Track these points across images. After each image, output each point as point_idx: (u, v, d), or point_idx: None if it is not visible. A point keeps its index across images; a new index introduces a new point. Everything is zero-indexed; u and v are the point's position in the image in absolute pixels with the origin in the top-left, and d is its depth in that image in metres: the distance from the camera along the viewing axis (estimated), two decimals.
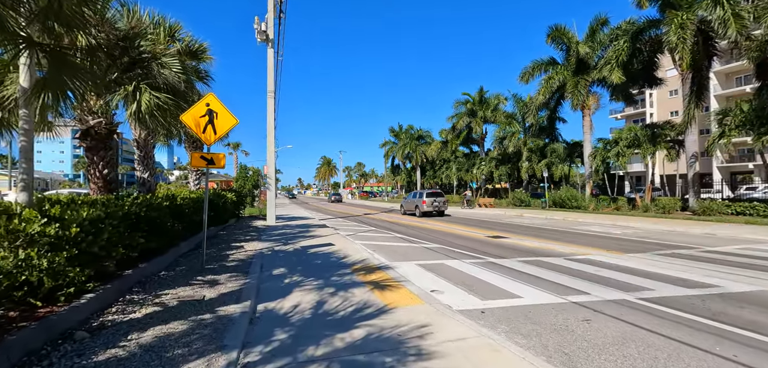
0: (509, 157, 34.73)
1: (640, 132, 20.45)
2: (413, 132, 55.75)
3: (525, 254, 10.15)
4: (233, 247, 10.53)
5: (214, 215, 13.43)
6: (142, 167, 10.08)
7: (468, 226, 18.51)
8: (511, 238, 13.87)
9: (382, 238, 14.15)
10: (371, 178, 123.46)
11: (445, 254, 10.39)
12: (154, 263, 6.95)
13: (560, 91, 25.27)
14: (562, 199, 25.66)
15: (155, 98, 7.24)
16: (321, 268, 8.08)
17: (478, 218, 22.97)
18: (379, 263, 8.63)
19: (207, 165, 7.28)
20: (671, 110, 57.15)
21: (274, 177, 19.81)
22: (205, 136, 7.29)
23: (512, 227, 17.57)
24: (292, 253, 9.94)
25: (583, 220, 19.48)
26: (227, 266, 7.82)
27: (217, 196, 13.94)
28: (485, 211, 29.04)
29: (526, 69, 26.07)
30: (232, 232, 14.25)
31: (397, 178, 65.76)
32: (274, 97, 19.73)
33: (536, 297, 6.00)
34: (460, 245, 12.00)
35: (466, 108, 39.92)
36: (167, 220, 7.90)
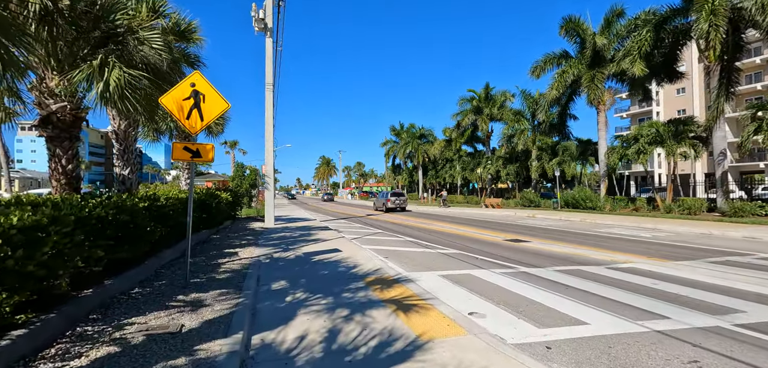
0: (517, 156, 33.47)
1: (663, 128, 19.30)
2: (415, 131, 54.43)
3: (558, 262, 8.91)
4: (226, 254, 9.24)
5: (207, 218, 12.15)
6: (121, 162, 8.79)
7: (480, 228, 17.27)
8: (533, 242, 12.65)
9: (391, 242, 12.89)
10: (371, 178, 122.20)
11: (467, 261, 9.13)
12: (126, 278, 5.67)
13: (573, 86, 24.06)
14: (575, 199, 24.43)
15: (127, 74, 5.96)
16: (329, 281, 6.81)
17: (489, 220, 21.73)
18: (396, 274, 7.37)
19: (192, 158, 6.01)
20: (678, 109, 56.07)
21: (273, 176, 18.53)
22: (189, 123, 6.01)
23: (529, 230, 16.34)
24: (294, 261, 8.66)
25: (603, 222, 18.25)
26: (217, 280, 6.54)
27: (210, 196, 12.67)
28: (493, 212, 27.82)
29: (537, 63, 24.86)
30: (226, 236, 12.95)
31: (398, 178, 64.42)
32: (273, 90, 18.45)
33: (606, 323, 4.74)
34: (480, 251, 10.76)
35: (471, 105, 38.60)
36: (146, 224, 6.62)
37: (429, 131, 53.57)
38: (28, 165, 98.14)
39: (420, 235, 14.91)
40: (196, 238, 10.80)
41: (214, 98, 6.12)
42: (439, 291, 6.33)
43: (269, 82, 18.20)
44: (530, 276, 7.56)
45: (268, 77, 18.20)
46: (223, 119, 15.98)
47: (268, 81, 18.20)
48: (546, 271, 7.94)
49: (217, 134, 15.83)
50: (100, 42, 6.57)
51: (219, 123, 15.49)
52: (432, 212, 29.75)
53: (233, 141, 51.38)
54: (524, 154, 32.55)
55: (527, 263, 8.79)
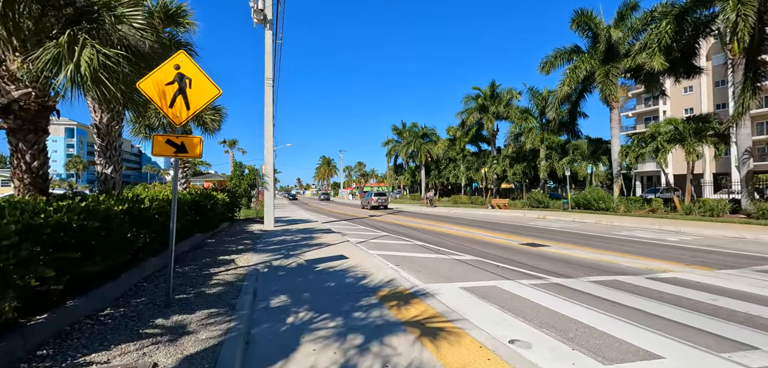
0: (525, 155, 32.50)
1: (682, 125, 18.38)
2: (417, 130, 53.44)
3: (589, 271, 8.00)
4: (221, 262, 8.32)
5: (201, 220, 11.24)
6: (103, 159, 7.88)
7: (491, 230, 16.35)
8: (552, 246, 11.74)
9: (400, 247, 11.97)
10: (371, 178, 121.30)
11: (488, 270, 8.21)
12: (96, 297, 4.75)
13: (585, 82, 23.12)
14: (587, 200, 23.49)
15: (102, 55, 5.04)
16: (336, 296, 5.90)
17: (498, 221, 20.80)
18: (413, 287, 6.46)
19: (175, 153, 5.09)
20: (685, 108, 55.11)
21: (273, 176, 17.61)
22: (173, 112, 5.10)
23: (542, 233, 15.42)
24: (296, 270, 7.74)
25: (620, 224, 17.33)
26: (207, 296, 5.62)
27: (205, 197, 11.76)
28: (501, 213, 26.90)
29: (547, 58, 23.93)
30: (222, 240, 12.03)
31: (400, 178, 63.46)
32: (273, 85, 17.53)
33: (685, 357, 3.83)
34: (497, 257, 9.85)
35: (476, 103, 37.58)
36: (125, 230, 5.71)
37: (432, 130, 52.63)
38: None
39: (429, 239, 13.99)
40: (189, 243, 9.89)
41: (202, 83, 5.20)
42: (466, 309, 5.41)
43: (269, 77, 17.29)
44: (564, 288, 6.64)
45: (267, 72, 17.28)
46: (220, 115, 15.11)
47: (267, 76, 17.28)
48: (580, 282, 7.03)
49: (213, 130, 14.94)
50: (72, 20, 5.65)
51: (214, 118, 14.59)
52: (437, 214, 28.83)
53: (232, 140, 50.39)
54: (532, 153, 31.56)
55: (555, 273, 7.88)
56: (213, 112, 14.58)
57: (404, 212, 31.16)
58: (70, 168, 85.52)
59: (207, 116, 14.36)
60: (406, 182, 61.25)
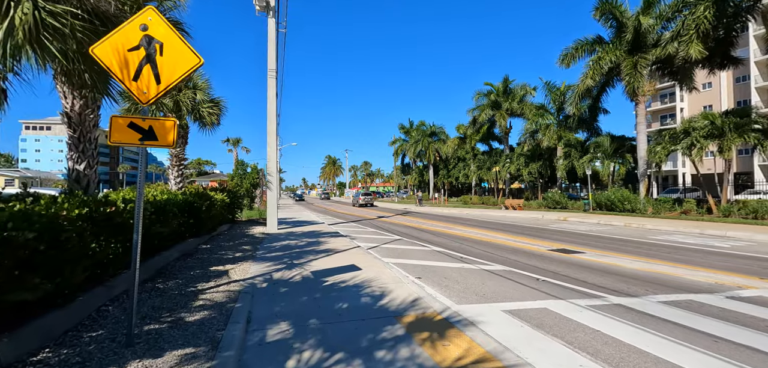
0: (540, 153, 30.98)
1: (721, 120, 16.88)
2: (425, 128, 52.03)
3: (649, 287, 6.67)
4: (212, 274, 7.10)
5: (194, 223, 10.05)
6: (75, 153, 6.69)
7: (511, 233, 15.01)
8: (587, 253, 10.42)
9: (418, 254, 10.69)
10: (377, 177, 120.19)
11: (528, 284, 6.91)
12: (27, 334, 3.53)
13: (609, 75, 21.64)
14: (610, 201, 22.00)
15: (45, 11, 3.82)
16: (351, 323, 4.65)
17: (516, 223, 19.44)
18: (444, 309, 5.19)
19: (141, 141, 3.85)
20: (704, 105, 53.15)
21: (277, 174, 16.40)
22: (138, 86, 3.87)
23: (570, 236, 14.06)
24: (301, 286, 6.49)
25: (653, 227, 15.90)
26: (186, 325, 4.39)
27: (199, 197, 10.56)
28: (516, 214, 25.51)
29: (567, 50, 22.48)
30: (218, 245, 10.83)
31: (407, 177, 62.04)
32: (276, 77, 16.33)
33: None
34: (530, 266, 8.56)
35: (488, 100, 36.01)
36: (86, 240, 4.51)
37: (440, 128, 51.20)
38: (32, 164, 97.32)
39: (448, 243, 12.70)
40: (179, 250, 8.70)
41: (177, 50, 3.97)
42: (522, 346, 4.12)
43: (272, 68, 16.09)
44: (632, 312, 5.33)
45: (270, 63, 16.08)
46: (219, 108, 13.95)
47: (270, 67, 16.09)
48: (648, 303, 5.71)
49: (211, 124, 13.75)
50: None
51: (213, 112, 13.41)
52: (449, 215, 27.51)
53: (236, 138, 49.28)
54: (548, 151, 30.04)
55: (610, 289, 6.57)
56: (211, 104, 13.41)
57: (412, 213, 29.87)
58: None
59: (204, 109, 13.19)
60: (413, 182, 59.79)
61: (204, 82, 13.26)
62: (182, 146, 13.39)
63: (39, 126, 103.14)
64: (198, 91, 13.03)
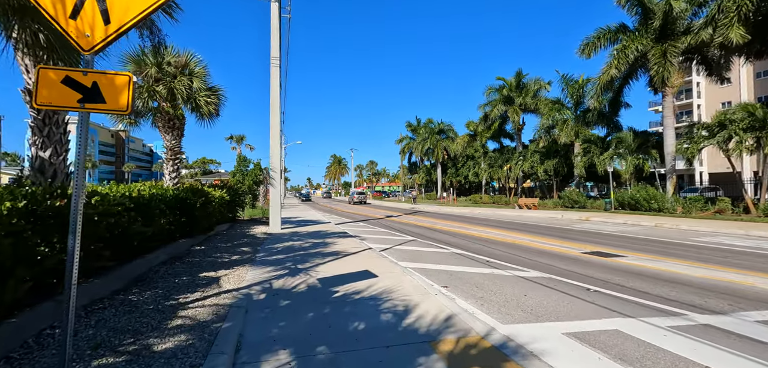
0: (556, 150, 29.57)
1: (762, 110, 15.46)
2: (433, 126, 50.74)
3: (728, 299, 5.46)
4: (201, 283, 5.98)
5: (187, 222, 8.97)
6: (40, 138, 5.63)
7: (534, 234, 13.78)
8: (628, 257, 9.21)
9: (437, 257, 9.53)
10: (383, 177, 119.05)
11: (577, 297, 5.73)
12: None
13: (633, 65, 20.29)
14: (635, 199, 20.63)
15: None
16: (374, 353, 3.51)
17: (535, 223, 18.19)
18: (490, 332, 4.02)
19: (81, 103, 2.73)
20: (722, 101, 51.33)
21: (280, 171, 15.30)
22: (77, 26, 2.74)
23: (601, 238, 12.81)
24: (306, 298, 5.35)
25: (689, 227, 14.59)
26: (150, 357, 3.27)
27: (193, 193, 9.47)
28: (531, 213, 24.22)
29: (588, 39, 21.14)
30: (214, 247, 9.74)
31: (414, 176, 60.74)
32: (280, 66, 15.24)
33: None
34: (571, 273, 7.37)
35: (500, 95, 34.62)
36: (26, 245, 3.42)
37: (448, 126, 49.86)
38: None
39: (467, 245, 11.51)
40: (166, 252, 7.61)
41: None
42: None
43: (275, 56, 15.01)
44: (735, 338, 4.13)
45: (273, 50, 15.01)
46: (217, 97, 12.83)
47: (273, 55, 15.01)
48: (746, 323, 4.52)
49: (208, 115, 12.57)
50: None
51: (210, 100, 12.26)
52: (458, 214, 26.29)
53: (240, 135, 48.26)
54: (564, 148, 28.63)
55: (686, 304, 5.35)
56: (209, 93, 12.31)
57: (422, 212, 28.68)
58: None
59: (201, 98, 12.09)
60: (420, 181, 58.47)
61: (201, 69, 12.19)
62: (178, 138, 12.35)
63: None
64: (195, 78, 11.96)
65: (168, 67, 11.85)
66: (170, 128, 12.19)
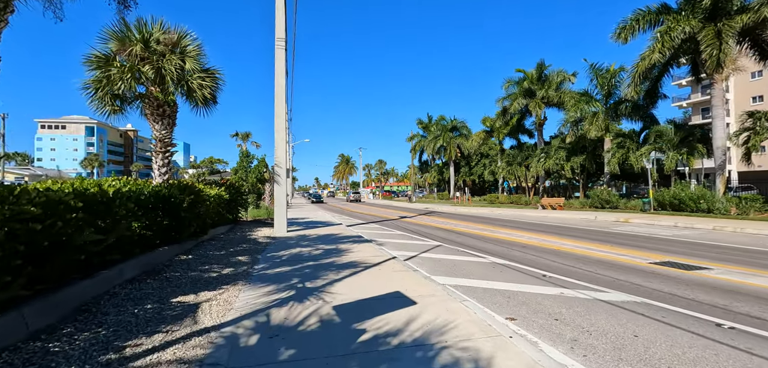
0: (583, 146, 27.35)
1: None
2: (446, 123, 48.69)
3: None
4: (170, 312, 4.28)
5: (171, 226, 7.31)
6: None
7: (575, 239, 11.91)
8: (714, 269, 7.40)
9: (477, 269, 7.74)
10: (391, 176, 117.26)
11: (715, 339, 3.92)
12: None
13: (678, 50, 18.18)
14: (679, 199, 18.55)
15: None
16: None
17: (569, 226, 16.27)
18: None
19: None
20: (753, 95, 48.58)
21: (286, 167, 13.60)
22: None
23: (656, 243, 10.92)
24: (320, 343, 3.59)
25: (757, 231, 12.59)
26: None
27: (180, 190, 7.79)
28: (559, 215, 22.25)
29: (625, 22, 19.08)
30: (204, 255, 8.05)
31: (426, 175, 58.73)
32: (286, 48, 13.57)
33: None
34: (667, 296, 5.57)
35: (519, 88, 32.35)
36: None
37: (462, 123, 47.74)
38: (48, 163, 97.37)
39: (505, 252, 9.69)
40: (140, 264, 5.95)
41: None
42: None
43: (280, 36, 13.34)
44: None
45: (278, 30, 13.35)
46: (213, 80, 10.96)
47: (278, 35, 13.35)
48: None
49: (203, 100, 10.81)
50: None
51: (205, 83, 10.50)
52: (477, 214, 24.42)
53: (246, 133, 46.74)
54: (592, 143, 26.45)
55: None
56: (203, 74, 10.61)
57: (437, 213, 26.84)
58: (86, 166, 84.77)
59: (194, 81, 10.40)
60: (432, 180, 56.41)
61: (195, 47, 10.53)
62: (169, 128, 10.73)
63: (54, 124, 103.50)
64: (187, 58, 10.31)
65: (157, 46, 10.22)
66: (160, 117, 10.56)
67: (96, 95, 9.98)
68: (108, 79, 9.70)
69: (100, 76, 9.70)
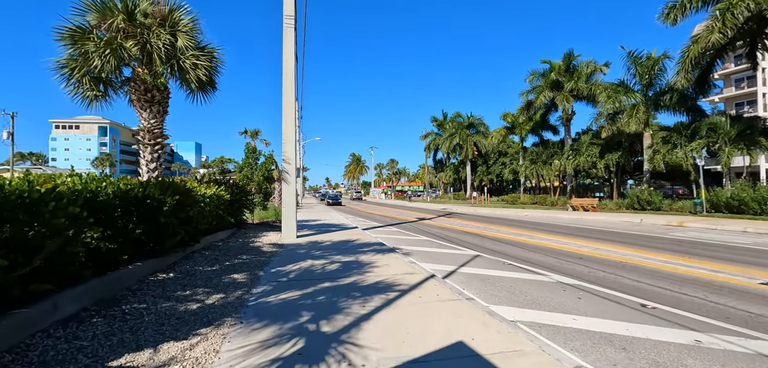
0: (618, 142, 25.00)
1: None
2: (462, 120, 46.55)
3: None
4: None
5: (148, 233, 5.64)
6: None
7: (639, 248, 9.94)
8: None
9: (548, 296, 5.90)
10: (403, 176, 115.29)
11: None
12: None
13: (738, 31, 15.93)
14: (739, 199, 16.36)
15: None
16: None
17: (616, 231, 14.26)
18: None
19: None
20: None
21: (296, 162, 11.89)
22: None
23: (738, 253, 8.92)
24: None
25: None
26: None
27: (161, 188, 6.09)
28: (594, 217, 20.15)
29: (673, 1, 16.94)
30: (188, 273, 6.37)
31: (441, 174, 56.65)
32: (295, 27, 11.88)
33: None
34: None
35: (545, 80, 30.04)
36: None
37: (479, 119, 45.56)
38: (62, 163, 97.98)
39: (566, 267, 7.81)
40: (90, 292, 4.29)
41: None
42: None
43: (288, 13, 11.67)
44: None
45: (286, 6, 11.67)
46: (210, 58, 9.31)
47: (287, 12, 11.68)
48: None
49: (198, 83, 9.05)
50: None
51: (200, 63, 8.84)
52: (502, 216, 22.45)
53: (255, 130, 45.32)
54: (629, 139, 24.12)
55: None
56: (197, 53, 8.93)
57: (458, 215, 24.93)
58: (97, 165, 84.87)
59: (186, 60, 8.71)
60: (447, 180, 54.28)
61: (188, 20, 8.87)
62: (159, 116, 9.13)
63: (68, 125, 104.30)
64: (179, 33, 8.68)
65: (143, 19, 8.61)
66: (148, 103, 8.95)
67: (73, 76, 8.41)
68: (85, 58, 8.11)
69: (74, 54, 8.12)
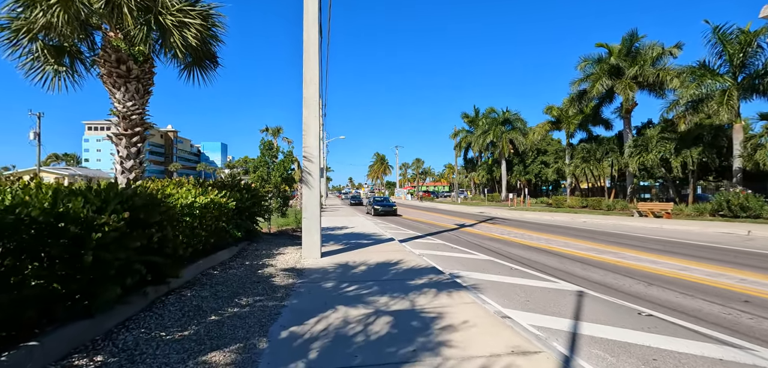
0: (698, 135, 21.14)
1: None
2: (496, 116, 43.10)
3: None
4: None
5: (66, 281, 3.11)
6: None
7: None
8: None
9: None
10: (428, 176, 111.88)
11: None
12: None
13: None
14: None
15: None
16: None
17: (733, 248, 10.96)
18: None
19: None
20: None
21: (320, 158, 9.32)
22: None
23: None
24: None
25: None
26: None
27: (102, 198, 3.52)
28: (675, 226, 16.68)
29: None
30: (138, 348, 3.82)
31: (472, 174, 53.22)
32: None
33: None
34: None
35: (600, 67, 26.23)
36: None
37: (515, 115, 41.98)
38: (94, 164, 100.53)
39: (728, 317, 4.82)
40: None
41: None
42: None
43: None
44: None
45: None
46: (204, 18, 7.02)
47: None
48: None
49: (183, 50, 6.76)
50: None
51: (186, 24, 6.49)
52: (556, 223, 19.24)
53: (277, 127, 43.36)
54: (711, 131, 20.27)
55: None
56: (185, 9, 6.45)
57: (501, 220, 21.79)
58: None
59: (168, 18, 6.27)
60: (480, 180, 50.76)
61: None
62: (138, 98, 6.79)
63: (100, 126, 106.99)
64: None
65: None
66: (122, 78, 6.61)
67: (19, 41, 6.12)
68: (28, 14, 5.79)
69: (15, 9, 5.82)
